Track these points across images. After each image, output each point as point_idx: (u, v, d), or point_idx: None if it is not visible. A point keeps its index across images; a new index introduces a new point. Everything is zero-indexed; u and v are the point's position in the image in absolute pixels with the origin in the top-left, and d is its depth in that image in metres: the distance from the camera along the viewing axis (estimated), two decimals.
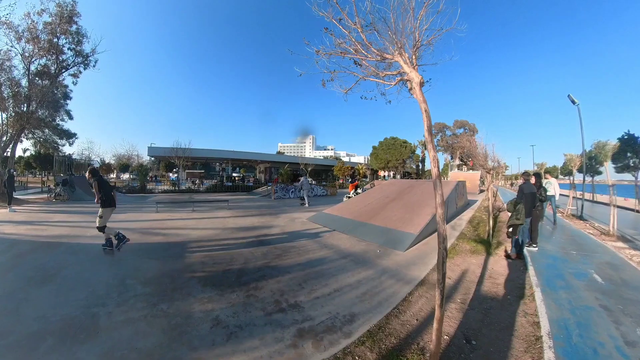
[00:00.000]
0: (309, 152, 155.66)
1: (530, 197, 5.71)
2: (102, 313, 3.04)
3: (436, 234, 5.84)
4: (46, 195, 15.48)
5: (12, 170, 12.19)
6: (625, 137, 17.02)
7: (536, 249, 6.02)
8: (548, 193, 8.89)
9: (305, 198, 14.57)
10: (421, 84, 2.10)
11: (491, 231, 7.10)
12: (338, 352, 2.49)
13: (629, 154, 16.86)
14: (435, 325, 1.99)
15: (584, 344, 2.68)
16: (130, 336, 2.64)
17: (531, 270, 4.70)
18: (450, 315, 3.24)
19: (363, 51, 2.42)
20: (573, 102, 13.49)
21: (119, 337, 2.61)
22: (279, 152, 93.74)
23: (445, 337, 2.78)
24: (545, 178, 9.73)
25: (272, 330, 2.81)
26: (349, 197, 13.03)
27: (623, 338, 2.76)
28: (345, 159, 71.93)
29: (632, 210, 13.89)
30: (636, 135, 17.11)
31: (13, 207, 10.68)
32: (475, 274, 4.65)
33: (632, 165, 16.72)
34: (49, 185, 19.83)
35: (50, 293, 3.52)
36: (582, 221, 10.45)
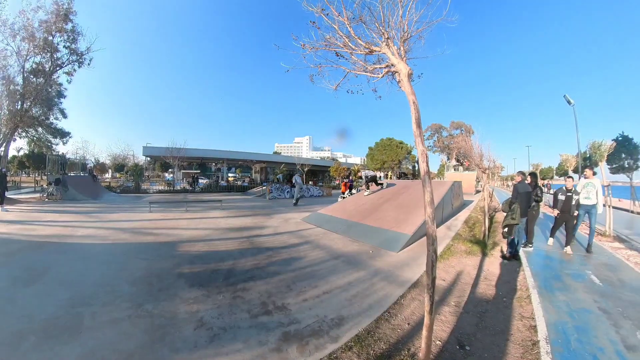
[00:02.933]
0: (305, 152, 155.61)
1: (525, 197, 5.64)
2: (87, 313, 2.99)
3: None
4: (39, 195, 15.30)
5: (3, 170, 11.98)
6: (620, 138, 17.08)
7: (532, 249, 5.95)
8: (587, 201, 6.00)
9: (295, 196, 14.86)
10: (409, 75, 2.00)
11: (487, 232, 7.02)
12: (323, 358, 2.39)
13: (623, 155, 16.92)
14: (424, 332, 1.87)
15: (583, 349, 2.57)
16: (113, 337, 2.59)
17: (527, 272, 4.61)
18: (443, 319, 3.13)
19: (351, 45, 2.33)
20: (569, 102, 13.53)
21: (101, 338, 2.56)
22: (275, 153, 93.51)
23: (437, 342, 2.67)
24: (585, 176, 6.34)
25: (256, 333, 2.71)
26: (344, 197, 12.96)
27: (623, 342, 2.67)
28: (342, 160, 71.88)
29: (627, 210, 13.90)
30: (630, 136, 17.21)
31: (5, 207, 10.51)
32: (470, 275, 4.56)
33: (626, 166, 16.79)
34: (42, 185, 19.61)
35: (37, 292, 3.48)
36: None
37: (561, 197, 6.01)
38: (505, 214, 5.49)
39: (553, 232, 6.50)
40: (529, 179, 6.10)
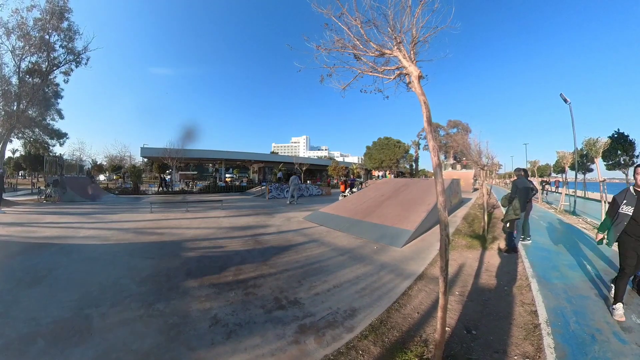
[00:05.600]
0: (303, 152, 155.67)
1: (524, 192, 5.80)
2: (96, 314, 2.94)
3: (432, 230, 5.88)
4: (36, 197, 15.21)
5: (0, 170, 11.89)
6: (616, 135, 17.38)
7: (530, 241, 6.11)
8: None
9: (288, 196, 15.23)
10: (420, 78, 2.12)
11: (486, 227, 7.17)
12: (341, 347, 2.48)
13: (619, 152, 17.21)
14: (439, 313, 2.00)
15: (582, 330, 2.74)
16: (126, 337, 2.55)
17: (526, 263, 4.78)
18: (450, 307, 3.25)
19: (362, 47, 2.43)
20: (565, 100, 13.76)
21: (113, 339, 2.52)
22: (272, 152, 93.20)
23: (446, 328, 2.79)
24: None
25: (272, 327, 2.77)
26: (345, 196, 13.08)
27: (620, 324, 2.83)
28: (339, 159, 71.94)
29: None
30: (626, 133, 17.51)
31: (2, 209, 10.43)
32: (472, 267, 4.70)
33: (622, 162, 17.08)
34: (39, 187, 19.47)
35: (41, 294, 3.40)
36: (574, 216, 10.65)
37: (627, 209, 2.97)
38: (504, 209, 5.63)
39: (621, 286, 3.00)
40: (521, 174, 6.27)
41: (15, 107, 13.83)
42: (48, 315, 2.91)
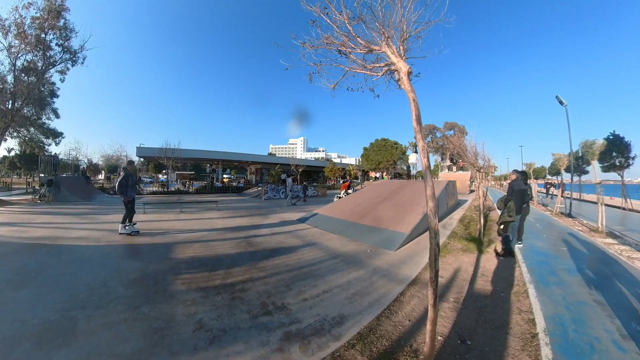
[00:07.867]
0: (300, 153, 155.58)
1: (520, 194, 5.72)
2: (81, 316, 2.91)
3: (428, 233, 5.79)
4: (30, 197, 15.05)
5: None
6: (611, 137, 17.41)
7: (521, 245, 6.03)
8: None
9: (288, 198, 15.51)
10: (409, 74, 2.02)
11: (482, 229, 7.09)
12: (327, 356, 2.38)
13: (614, 154, 17.22)
14: (428, 326, 1.89)
15: (581, 339, 2.66)
16: (110, 340, 2.52)
17: (523, 267, 4.70)
18: (443, 315, 3.16)
19: (350, 44, 2.34)
20: (561, 103, 13.73)
21: (97, 342, 2.49)
22: (270, 154, 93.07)
23: (439, 337, 2.69)
24: None
25: (257, 333, 2.68)
26: (340, 197, 12.99)
27: (619, 332, 2.75)
28: (337, 161, 71.93)
29: (619, 208, 14.20)
30: (622, 135, 17.52)
31: None
32: (467, 272, 4.60)
33: (617, 164, 17.08)
34: (33, 186, 19.29)
35: (29, 296, 3.38)
36: (570, 219, 10.60)
37: None
38: (500, 211, 5.55)
39: None
40: (513, 176, 6.19)
41: (10, 106, 13.69)
42: (34, 316, 2.89)
